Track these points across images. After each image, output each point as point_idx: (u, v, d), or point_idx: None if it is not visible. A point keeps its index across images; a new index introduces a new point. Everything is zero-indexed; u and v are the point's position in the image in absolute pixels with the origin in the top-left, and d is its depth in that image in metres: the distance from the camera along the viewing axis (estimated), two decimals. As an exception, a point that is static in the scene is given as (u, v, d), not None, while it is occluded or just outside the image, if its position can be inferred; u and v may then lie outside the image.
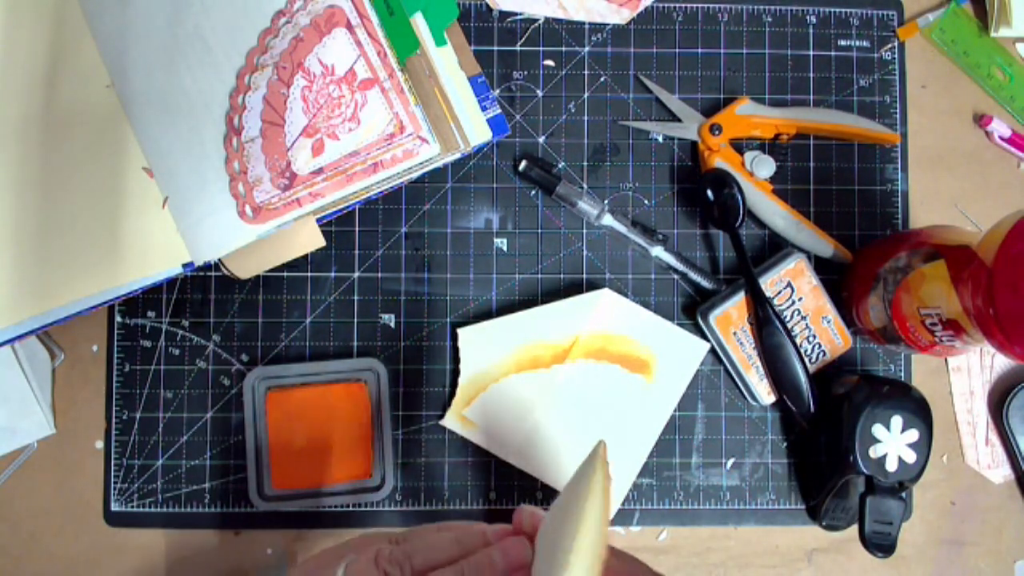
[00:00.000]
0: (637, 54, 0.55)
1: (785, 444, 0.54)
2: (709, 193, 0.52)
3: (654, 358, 0.53)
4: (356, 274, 0.54)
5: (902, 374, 0.55)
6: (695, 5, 0.56)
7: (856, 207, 0.55)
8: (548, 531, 0.33)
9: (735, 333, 0.52)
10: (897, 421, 0.48)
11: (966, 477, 0.55)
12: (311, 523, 0.53)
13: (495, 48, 0.55)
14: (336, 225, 0.54)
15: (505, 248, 0.54)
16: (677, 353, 0.53)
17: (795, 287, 0.52)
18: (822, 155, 0.55)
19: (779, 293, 0.52)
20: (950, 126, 0.56)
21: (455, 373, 0.53)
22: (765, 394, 0.52)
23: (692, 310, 0.54)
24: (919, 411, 0.48)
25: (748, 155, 0.53)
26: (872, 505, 0.48)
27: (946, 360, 0.55)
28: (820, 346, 0.52)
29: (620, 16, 0.55)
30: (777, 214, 0.53)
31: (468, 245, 0.54)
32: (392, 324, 0.54)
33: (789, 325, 0.52)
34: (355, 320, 0.54)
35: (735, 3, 0.56)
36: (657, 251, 0.53)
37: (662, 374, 0.53)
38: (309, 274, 0.54)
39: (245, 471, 0.52)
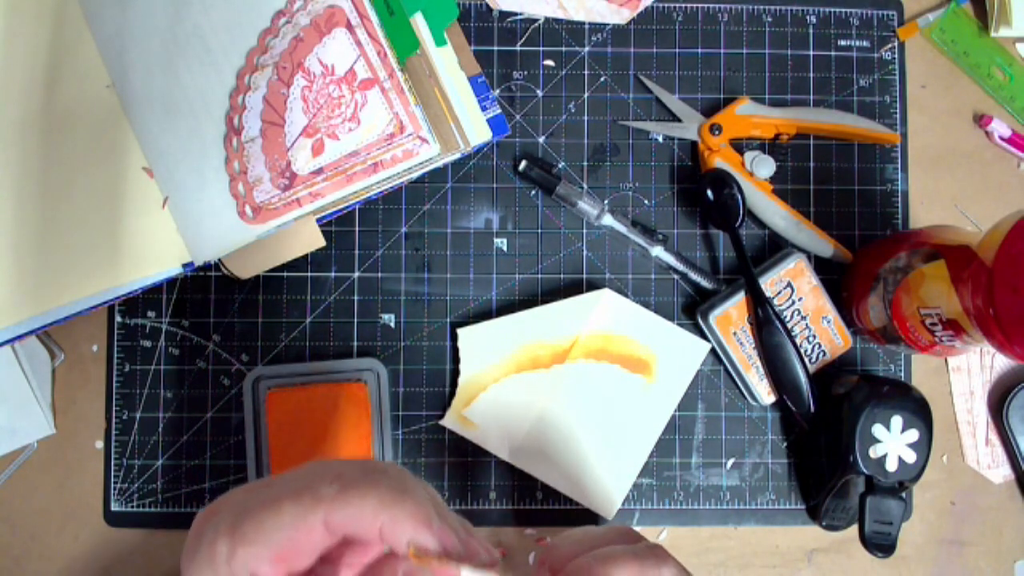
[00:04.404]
0: (637, 54, 0.55)
1: (785, 444, 0.54)
2: (709, 193, 0.52)
3: (655, 358, 0.53)
4: (356, 274, 0.54)
5: (902, 374, 0.55)
6: (695, 5, 0.56)
7: (856, 207, 0.55)
8: None
9: (735, 333, 0.52)
10: (897, 421, 0.48)
11: (966, 477, 0.55)
12: (311, 523, 0.53)
13: (495, 48, 0.55)
14: (336, 225, 0.54)
15: (505, 248, 0.54)
16: (678, 353, 0.53)
17: (795, 287, 0.52)
18: (822, 155, 0.55)
19: (779, 293, 0.52)
20: (950, 126, 0.56)
21: (455, 373, 0.53)
22: (765, 394, 0.52)
23: (692, 310, 0.54)
24: (919, 411, 0.48)
25: (748, 155, 0.53)
26: (872, 505, 0.48)
27: (946, 360, 0.55)
28: (820, 346, 0.52)
29: (620, 16, 0.55)
30: (777, 214, 0.53)
31: (468, 245, 0.54)
32: (392, 324, 0.54)
33: (789, 325, 0.52)
34: (355, 320, 0.54)
35: (735, 3, 0.56)
36: (657, 251, 0.53)
37: (663, 374, 0.53)
38: (309, 274, 0.54)
39: (245, 471, 0.52)
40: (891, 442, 0.48)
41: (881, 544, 0.48)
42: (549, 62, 0.55)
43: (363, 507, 0.27)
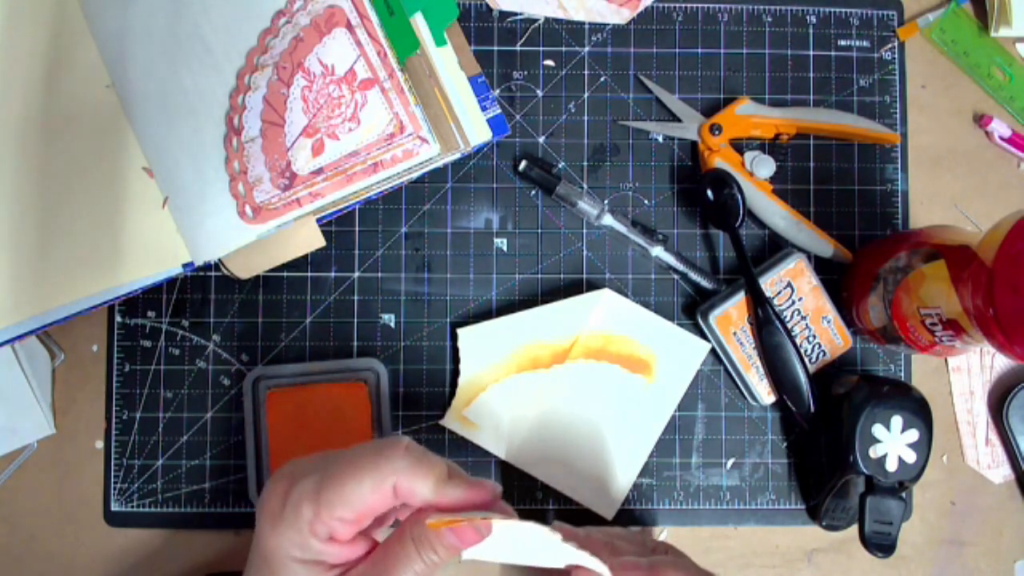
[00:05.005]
0: (637, 54, 0.55)
1: (785, 444, 0.54)
2: (709, 193, 0.52)
3: (655, 358, 0.53)
4: (356, 274, 0.54)
5: (902, 374, 0.55)
6: (695, 5, 0.56)
7: (856, 207, 0.55)
8: None
9: (735, 333, 0.52)
10: (897, 421, 0.48)
11: (966, 477, 0.55)
12: (311, 523, 0.53)
13: (495, 48, 0.55)
14: (336, 225, 0.54)
15: (505, 248, 0.54)
16: (678, 353, 0.53)
17: (795, 287, 0.52)
18: (822, 155, 0.55)
19: (779, 293, 0.52)
20: (950, 126, 0.56)
21: (455, 373, 0.53)
22: (765, 394, 0.52)
23: (692, 310, 0.54)
24: (919, 411, 0.48)
25: (748, 155, 0.53)
26: (872, 505, 0.48)
27: (946, 360, 0.55)
28: (820, 346, 0.52)
29: (620, 16, 0.55)
30: (777, 214, 0.53)
31: (468, 245, 0.54)
32: (392, 324, 0.54)
33: (789, 325, 0.52)
34: (355, 320, 0.54)
35: (735, 3, 0.56)
36: (657, 251, 0.53)
37: (663, 374, 0.53)
38: (309, 274, 0.54)
39: (245, 471, 0.52)
40: (891, 442, 0.48)
41: (881, 544, 0.48)
42: (549, 62, 0.55)
43: (427, 479, 0.33)
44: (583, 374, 0.52)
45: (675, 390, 0.53)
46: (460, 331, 0.52)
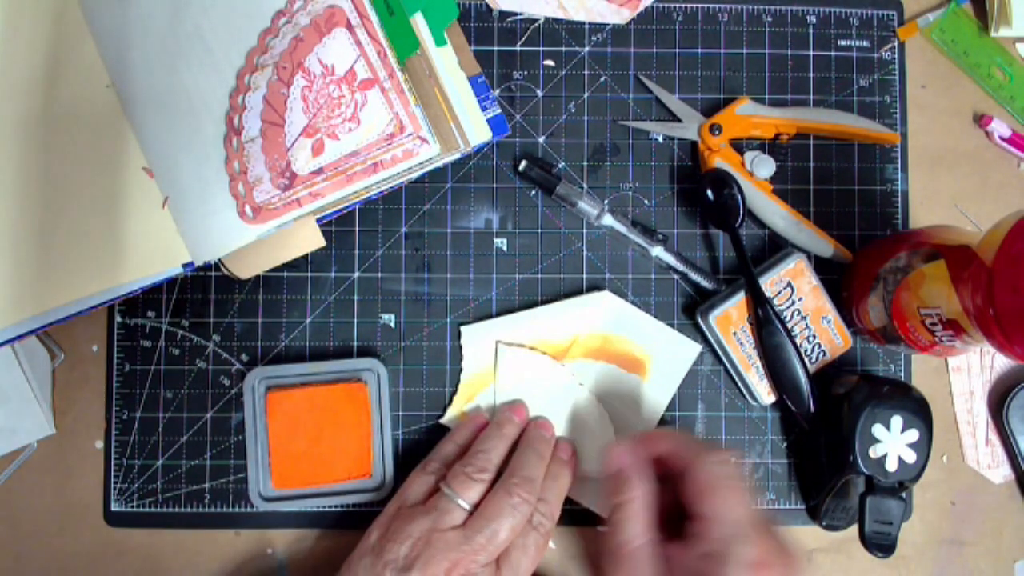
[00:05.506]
0: (637, 54, 0.55)
1: (785, 444, 0.54)
2: (709, 193, 0.52)
3: (649, 358, 0.53)
4: (356, 274, 0.54)
5: (902, 374, 0.55)
6: (695, 5, 0.56)
7: (856, 207, 0.55)
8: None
9: (735, 333, 0.52)
10: (897, 421, 0.48)
11: (966, 477, 0.55)
12: (311, 523, 0.53)
13: (495, 48, 0.55)
14: (336, 225, 0.54)
15: (505, 248, 0.54)
16: (670, 354, 0.53)
17: (795, 287, 0.52)
18: (822, 155, 0.55)
19: (779, 293, 0.52)
20: (950, 126, 0.56)
21: (455, 373, 0.53)
22: (765, 394, 0.52)
23: (692, 310, 0.54)
24: (919, 411, 0.48)
25: (748, 155, 0.53)
26: (872, 505, 0.48)
27: (946, 360, 0.55)
28: (820, 346, 0.52)
29: (620, 16, 0.55)
30: (777, 214, 0.53)
31: (468, 245, 0.54)
32: (392, 324, 0.54)
33: (789, 325, 0.52)
34: (355, 320, 0.54)
35: (735, 3, 0.56)
36: (657, 251, 0.53)
37: (656, 373, 0.53)
38: (309, 274, 0.54)
39: (245, 471, 0.52)
40: (891, 442, 0.48)
41: (881, 544, 0.48)
42: (549, 62, 0.55)
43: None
44: (582, 372, 0.52)
45: (667, 389, 0.53)
46: (463, 328, 0.52)
